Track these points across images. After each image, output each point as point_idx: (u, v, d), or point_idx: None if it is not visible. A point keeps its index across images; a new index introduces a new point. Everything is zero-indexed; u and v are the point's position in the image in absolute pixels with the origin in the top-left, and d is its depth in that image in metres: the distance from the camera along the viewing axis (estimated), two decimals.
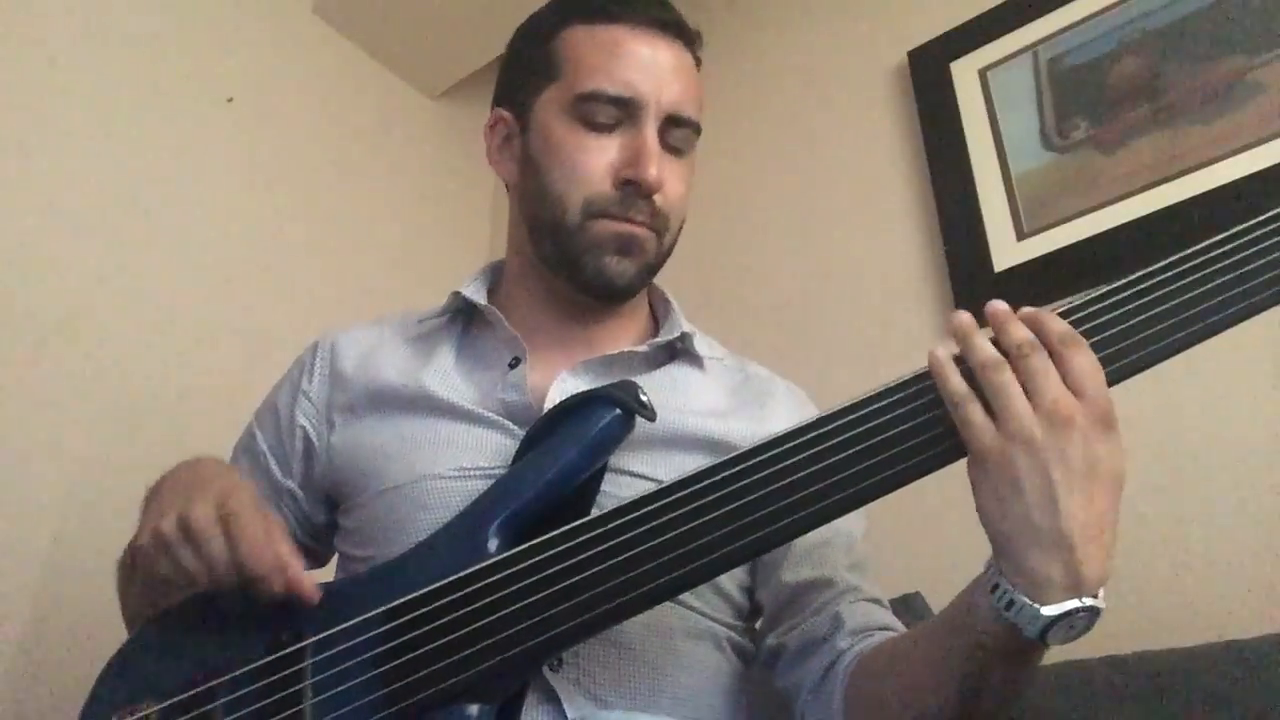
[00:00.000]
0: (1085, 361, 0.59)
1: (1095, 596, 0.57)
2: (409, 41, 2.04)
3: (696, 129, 0.91)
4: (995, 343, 0.62)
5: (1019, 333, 0.61)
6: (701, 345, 0.95)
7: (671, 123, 0.88)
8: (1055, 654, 0.66)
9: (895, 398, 0.64)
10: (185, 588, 0.71)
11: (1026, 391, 0.59)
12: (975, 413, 0.60)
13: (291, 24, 1.90)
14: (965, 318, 0.63)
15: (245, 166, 1.72)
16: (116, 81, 1.55)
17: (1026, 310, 0.63)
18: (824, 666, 0.78)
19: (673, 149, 0.90)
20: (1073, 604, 0.56)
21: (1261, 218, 0.63)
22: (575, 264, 0.88)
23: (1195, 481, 1.17)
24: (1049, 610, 0.56)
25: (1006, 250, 1.44)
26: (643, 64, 0.87)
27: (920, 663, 0.68)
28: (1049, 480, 0.57)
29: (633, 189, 0.86)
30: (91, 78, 1.52)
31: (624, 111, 0.87)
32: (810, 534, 0.82)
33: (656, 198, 0.87)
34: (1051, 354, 0.60)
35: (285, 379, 0.99)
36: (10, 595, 1.25)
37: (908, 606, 1.09)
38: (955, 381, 0.61)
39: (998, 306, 0.63)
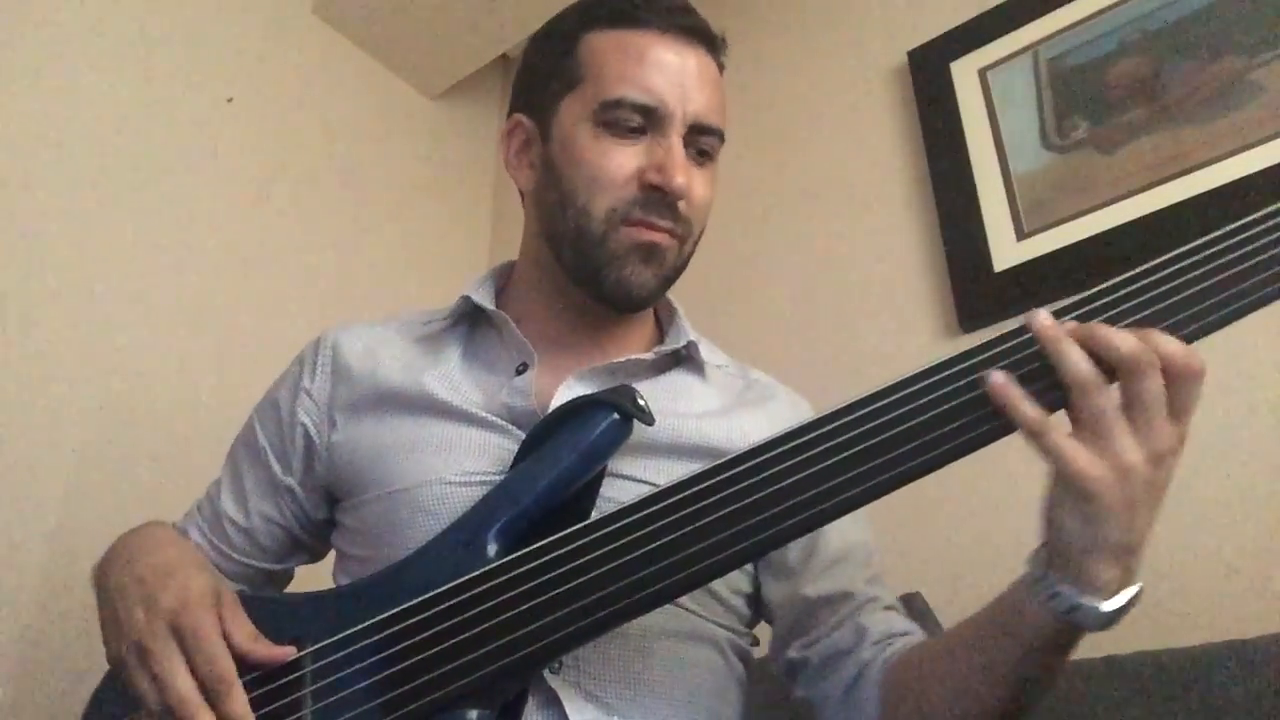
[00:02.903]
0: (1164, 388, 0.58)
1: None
2: (409, 41, 2.04)
3: (720, 136, 0.90)
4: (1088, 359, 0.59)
5: (1131, 344, 0.58)
6: (706, 353, 0.95)
7: (696, 131, 0.87)
8: None
9: (890, 399, 0.64)
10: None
11: (1130, 414, 0.58)
12: (1061, 438, 0.59)
13: (291, 24, 1.90)
14: (1046, 316, 0.61)
15: (245, 166, 1.72)
16: (116, 81, 1.55)
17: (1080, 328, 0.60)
18: (852, 676, 0.80)
19: (697, 157, 0.89)
20: (1130, 593, 0.60)
21: None
22: (597, 273, 0.87)
23: (1195, 481, 1.16)
24: (1109, 606, 0.59)
25: (1006, 250, 1.44)
26: (668, 71, 0.86)
27: (968, 667, 0.69)
28: (1132, 504, 0.58)
29: (657, 195, 0.84)
30: (91, 77, 1.52)
31: (649, 119, 0.85)
32: (829, 548, 0.86)
33: (681, 204, 0.86)
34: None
35: (286, 374, 0.98)
36: (10, 593, 1.25)
37: (908, 606, 1.09)
38: (1030, 411, 0.60)
39: (1073, 324, 0.60)
